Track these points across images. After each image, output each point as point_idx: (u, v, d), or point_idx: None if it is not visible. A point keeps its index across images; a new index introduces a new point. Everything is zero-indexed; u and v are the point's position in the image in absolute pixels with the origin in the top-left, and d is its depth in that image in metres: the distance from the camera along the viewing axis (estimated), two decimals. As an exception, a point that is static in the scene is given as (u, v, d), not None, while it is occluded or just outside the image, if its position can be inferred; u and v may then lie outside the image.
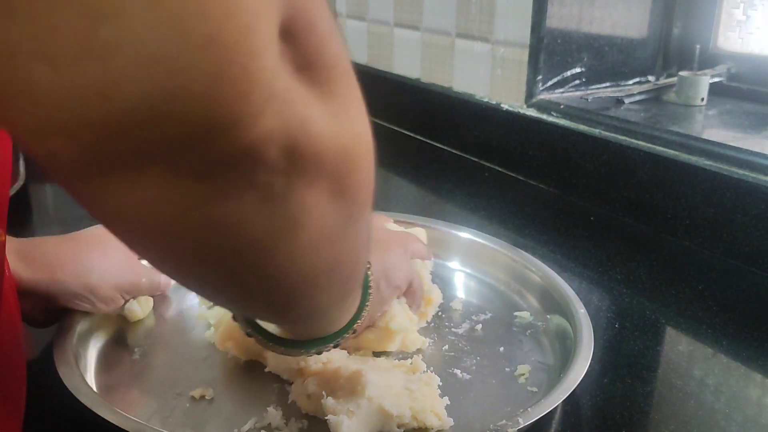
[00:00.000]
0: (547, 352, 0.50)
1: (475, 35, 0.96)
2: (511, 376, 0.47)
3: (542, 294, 0.56)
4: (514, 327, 0.54)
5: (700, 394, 0.47)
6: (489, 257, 0.61)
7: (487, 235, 0.63)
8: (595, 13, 0.87)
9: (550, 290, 0.55)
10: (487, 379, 0.47)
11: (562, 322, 0.51)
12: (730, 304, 0.59)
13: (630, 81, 0.93)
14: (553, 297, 0.54)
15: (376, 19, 1.18)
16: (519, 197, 0.85)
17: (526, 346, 0.51)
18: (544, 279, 0.56)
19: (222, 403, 0.44)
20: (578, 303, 0.51)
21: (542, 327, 0.53)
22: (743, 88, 0.87)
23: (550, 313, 0.54)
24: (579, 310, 0.50)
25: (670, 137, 0.72)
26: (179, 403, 0.44)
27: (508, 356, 0.50)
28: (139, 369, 0.47)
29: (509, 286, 0.59)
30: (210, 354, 0.49)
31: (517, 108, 0.90)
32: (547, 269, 0.57)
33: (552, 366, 0.48)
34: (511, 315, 0.55)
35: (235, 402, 0.44)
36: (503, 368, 0.48)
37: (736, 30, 0.88)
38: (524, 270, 0.58)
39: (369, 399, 0.41)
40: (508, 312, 0.55)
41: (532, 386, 0.46)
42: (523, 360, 0.49)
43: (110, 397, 0.43)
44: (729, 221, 0.66)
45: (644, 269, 0.65)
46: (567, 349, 0.47)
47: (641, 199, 0.74)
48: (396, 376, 0.45)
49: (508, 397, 0.45)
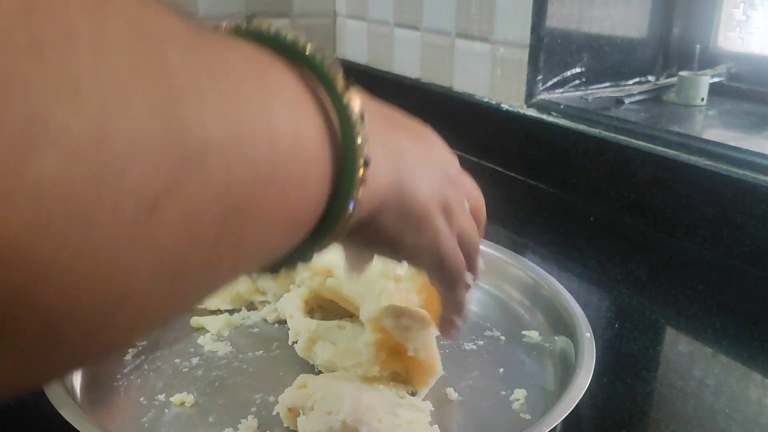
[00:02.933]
0: (548, 377, 0.48)
1: (475, 35, 0.96)
2: (506, 401, 0.45)
3: (551, 312, 0.53)
4: (519, 347, 0.51)
5: (700, 394, 0.47)
6: (498, 270, 0.58)
7: (497, 245, 0.60)
8: (595, 13, 0.87)
9: (558, 308, 0.52)
10: (480, 403, 0.45)
11: (567, 345, 0.49)
12: (730, 304, 0.59)
13: (630, 81, 0.93)
14: (561, 316, 0.51)
15: (376, 19, 1.18)
16: (519, 197, 0.85)
17: (528, 368, 0.49)
18: (554, 296, 0.53)
19: (202, 412, 0.43)
20: (586, 325, 0.48)
21: (549, 349, 0.51)
22: (743, 88, 0.87)
23: (557, 333, 0.51)
24: (585, 334, 0.47)
25: (670, 137, 0.72)
26: (158, 409, 0.43)
27: (506, 379, 0.47)
28: (129, 370, 0.47)
29: (518, 301, 0.56)
30: (200, 362, 0.48)
31: (517, 108, 0.90)
32: (557, 284, 0.54)
33: (551, 392, 0.46)
34: (518, 333, 0.52)
35: (216, 411, 0.43)
36: (499, 391, 0.46)
37: (736, 30, 0.88)
38: (534, 285, 0.55)
39: (343, 422, 0.38)
40: (516, 330, 0.53)
41: (525, 413, 0.44)
42: (521, 384, 0.46)
43: (93, 398, 0.43)
44: (729, 221, 0.66)
45: (644, 269, 0.65)
46: (569, 374, 0.45)
47: (641, 199, 0.74)
48: (385, 397, 0.42)
49: (498, 423, 0.43)
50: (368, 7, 1.19)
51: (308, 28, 1.27)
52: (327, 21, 1.29)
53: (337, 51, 1.31)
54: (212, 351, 0.50)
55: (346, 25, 1.27)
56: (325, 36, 1.30)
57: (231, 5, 1.19)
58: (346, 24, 1.27)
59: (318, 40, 1.28)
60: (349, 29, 1.26)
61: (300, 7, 1.25)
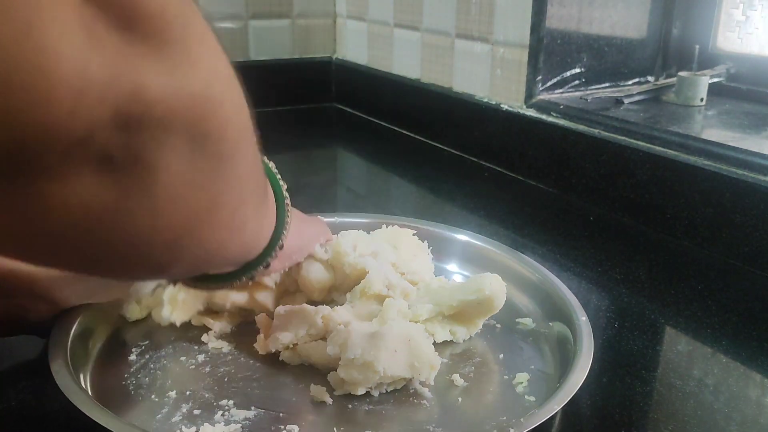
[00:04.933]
0: (547, 360, 0.49)
1: (475, 35, 0.96)
2: (509, 384, 0.46)
3: (544, 300, 0.55)
4: (515, 333, 0.53)
5: (699, 394, 0.47)
6: (489, 261, 0.60)
7: (486, 237, 0.62)
8: (595, 14, 0.87)
9: (552, 296, 0.54)
10: (484, 387, 0.47)
11: (563, 330, 0.50)
12: (730, 304, 0.59)
13: (629, 81, 0.93)
14: (555, 303, 0.53)
15: (376, 19, 1.18)
16: (519, 197, 0.85)
17: (527, 353, 0.50)
18: (546, 284, 0.55)
19: (212, 408, 0.43)
20: (580, 310, 0.50)
21: (544, 334, 0.52)
22: (742, 89, 0.87)
23: (552, 320, 0.53)
24: (580, 318, 0.49)
25: (669, 137, 0.72)
26: (168, 405, 0.43)
27: (507, 363, 0.49)
28: (135, 369, 0.47)
29: (511, 291, 0.56)
30: (206, 359, 0.49)
31: (516, 108, 0.90)
32: (549, 274, 0.56)
33: (551, 375, 0.47)
34: (512, 321, 0.54)
35: (223, 407, 0.44)
36: (502, 376, 0.47)
37: (735, 30, 0.88)
38: (526, 274, 0.57)
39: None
40: (510, 318, 0.54)
41: (530, 395, 0.45)
42: (522, 368, 0.48)
43: (104, 398, 0.43)
44: (728, 221, 0.66)
45: (643, 269, 0.65)
46: (567, 358, 0.47)
47: (641, 199, 0.74)
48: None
49: (504, 405, 0.45)
50: (368, 8, 1.20)
51: (308, 29, 1.27)
52: (327, 21, 1.29)
53: (337, 51, 1.31)
54: (216, 348, 0.50)
55: (346, 26, 1.27)
56: (325, 37, 1.30)
57: (231, 5, 1.19)
58: (346, 24, 1.27)
59: (318, 41, 1.28)
60: (349, 29, 1.26)
61: (300, 7, 1.25)
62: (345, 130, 1.22)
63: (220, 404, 0.44)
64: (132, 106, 0.20)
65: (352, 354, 0.43)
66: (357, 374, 0.43)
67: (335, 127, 1.25)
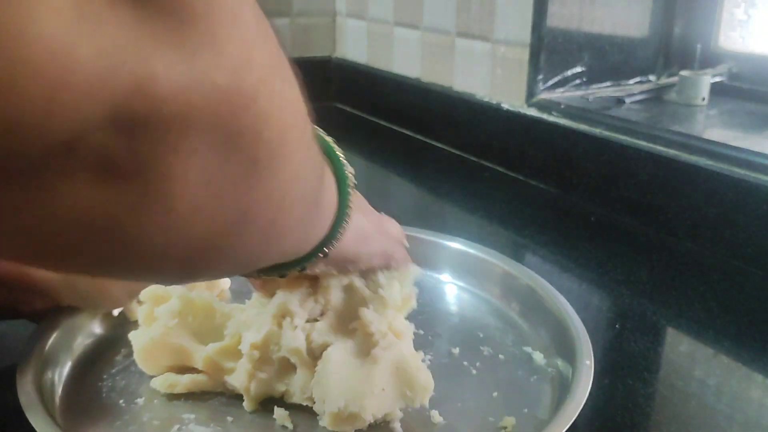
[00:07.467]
0: (543, 404, 0.44)
1: (476, 34, 0.95)
2: (492, 428, 0.41)
3: (555, 332, 0.49)
4: (519, 370, 0.47)
5: (701, 395, 0.46)
6: (500, 279, 0.55)
7: (499, 253, 0.57)
8: (596, 13, 0.87)
9: (563, 328, 0.48)
10: (462, 428, 0.42)
11: (567, 370, 0.45)
12: (732, 305, 0.59)
13: (631, 80, 0.92)
14: (565, 338, 0.47)
15: (375, 18, 1.18)
16: (519, 197, 0.85)
17: (524, 393, 0.45)
18: (560, 315, 0.49)
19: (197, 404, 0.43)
20: (588, 351, 0.44)
21: (551, 373, 0.47)
22: (744, 88, 0.87)
23: (559, 354, 0.47)
24: (585, 361, 0.43)
25: (671, 137, 0.72)
26: (131, 412, 0.43)
27: (499, 403, 0.44)
28: (117, 370, 0.46)
29: (523, 316, 0.52)
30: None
31: (517, 108, 0.89)
32: (566, 304, 0.50)
33: (542, 421, 0.42)
34: (521, 352, 0.49)
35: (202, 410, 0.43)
36: (487, 417, 0.42)
37: (737, 29, 0.88)
38: (541, 301, 0.51)
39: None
40: (518, 348, 0.49)
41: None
42: (512, 410, 0.42)
43: (72, 396, 0.43)
44: (730, 222, 0.65)
45: (645, 270, 0.65)
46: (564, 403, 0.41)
47: (642, 200, 0.74)
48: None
49: None
50: (368, 6, 1.19)
51: (308, 28, 1.27)
52: (327, 20, 1.29)
53: (336, 50, 1.31)
54: None
55: (345, 25, 1.27)
56: (324, 35, 1.29)
57: (231, 4, 1.18)
58: (345, 23, 1.27)
59: (317, 39, 1.28)
60: (349, 28, 1.26)
61: (300, 6, 1.25)
62: (344, 130, 1.22)
63: (182, 417, 0.42)
64: (136, 102, 0.17)
65: (336, 406, 0.39)
66: (345, 425, 0.40)
67: (335, 126, 1.24)
